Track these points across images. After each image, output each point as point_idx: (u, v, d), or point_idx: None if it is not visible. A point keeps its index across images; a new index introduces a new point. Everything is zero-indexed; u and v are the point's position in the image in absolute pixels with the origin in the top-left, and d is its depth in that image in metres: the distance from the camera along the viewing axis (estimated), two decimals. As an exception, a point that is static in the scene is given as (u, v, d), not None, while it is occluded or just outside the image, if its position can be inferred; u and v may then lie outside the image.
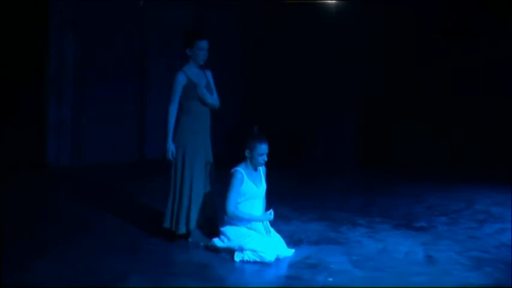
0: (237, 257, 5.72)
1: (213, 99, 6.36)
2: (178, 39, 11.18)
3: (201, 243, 6.17)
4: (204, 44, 6.24)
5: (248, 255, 5.68)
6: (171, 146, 6.20)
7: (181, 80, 6.24)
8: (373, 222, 7.31)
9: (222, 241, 5.92)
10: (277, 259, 5.76)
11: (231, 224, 5.93)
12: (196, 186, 6.25)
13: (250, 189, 5.96)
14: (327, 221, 7.30)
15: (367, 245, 6.38)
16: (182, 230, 6.26)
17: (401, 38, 11.53)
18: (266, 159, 5.98)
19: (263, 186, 6.09)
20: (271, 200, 6.19)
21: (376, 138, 11.78)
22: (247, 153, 5.95)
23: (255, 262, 5.66)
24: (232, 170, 5.96)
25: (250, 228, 5.90)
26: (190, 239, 6.25)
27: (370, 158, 11.51)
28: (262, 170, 6.12)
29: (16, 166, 9.39)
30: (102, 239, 6.42)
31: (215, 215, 6.33)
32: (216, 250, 5.95)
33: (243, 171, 5.94)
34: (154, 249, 6.07)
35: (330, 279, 5.31)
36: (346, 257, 5.92)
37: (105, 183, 9.25)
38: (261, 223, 5.96)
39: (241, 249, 5.71)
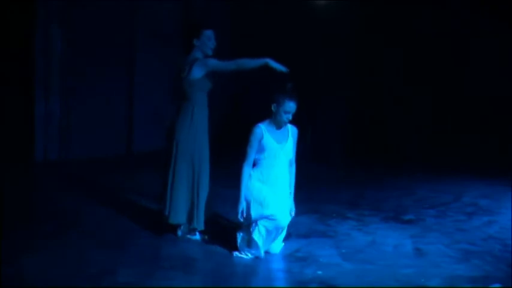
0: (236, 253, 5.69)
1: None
2: (168, 32, 11.31)
3: (191, 238, 6.18)
4: (211, 33, 6.18)
5: (260, 229, 5.58)
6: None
7: None
8: (362, 215, 7.34)
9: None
10: (267, 253, 5.76)
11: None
12: (206, 180, 6.19)
13: (270, 145, 5.70)
14: (316, 214, 7.32)
15: (356, 238, 6.41)
16: (202, 226, 6.17)
17: (393, 33, 11.57)
18: (290, 118, 5.73)
19: (287, 145, 5.79)
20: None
21: (367, 132, 11.82)
22: (273, 107, 5.70)
23: (249, 253, 5.64)
24: (254, 126, 5.75)
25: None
26: (179, 233, 6.24)
27: (359, 151, 11.55)
28: (291, 131, 5.85)
29: (3, 161, 9.32)
30: (91, 232, 6.39)
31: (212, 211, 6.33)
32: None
33: (263, 127, 5.72)
34: (143, 243, 6.06)
35: (319, 272, 5.33)
36: (335, 250, 5.95)
37: (93, 177, 9.21)
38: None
39: (256, 222, 5.61)
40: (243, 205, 5.66)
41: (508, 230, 6.66)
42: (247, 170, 5.71)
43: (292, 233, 6.46)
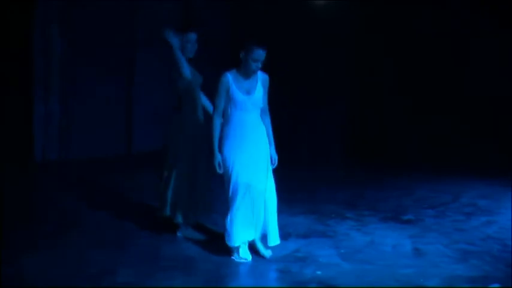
0: (236, 258, 5.65)
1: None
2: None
3: (190, 237, 6.19)
4: (192, 37, 6.22)
5: (232, 216, 5.51)
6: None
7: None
8: (361, 215, 7.34)
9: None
10: (265, 251, 5.75)
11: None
12: (206, 176, 6.22)
13: (236, 97, 5.48)
14: (315, 214, 7.32)
15: (355, 238, 6.41)
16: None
17: (393, 33, 11.56)
18: (260, 66, 5.49)
19: (256, 95, 5.55)
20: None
21: (367, 132, 11.82)
22: (241, 54, 5.48)
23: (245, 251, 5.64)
24: (221, 75, 5.56)
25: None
26: (178, 233, 6.25)
27: (358, 151, 11.55)
28: (261, 79, 5.63)
29: (3, 161, 9.34)
30: (91, 232, 6.41)
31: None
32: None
33: (229, 76, 5.50)
34: (143, 243, 6.08)
35: (319, 272, 5.34)
36: (334, 250, 5.95)
37: (93, 177, 9.22)
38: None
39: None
40: (218, 158, 5.53)
41: (507, 230, 6.66)
42: (217, 120, 5.56)
43: (292, 233, 6.48)
